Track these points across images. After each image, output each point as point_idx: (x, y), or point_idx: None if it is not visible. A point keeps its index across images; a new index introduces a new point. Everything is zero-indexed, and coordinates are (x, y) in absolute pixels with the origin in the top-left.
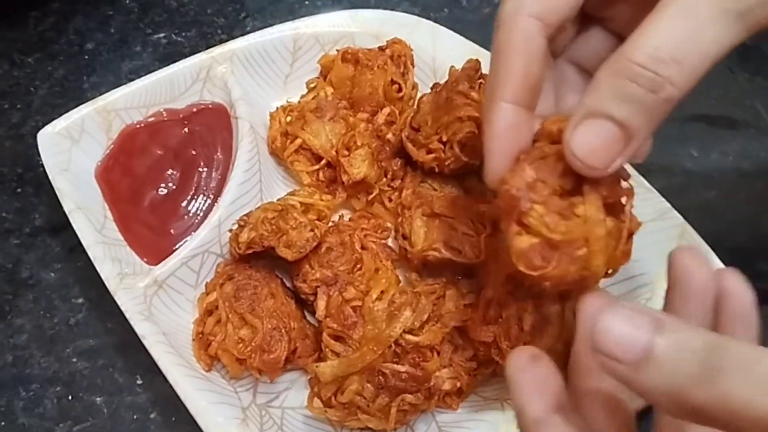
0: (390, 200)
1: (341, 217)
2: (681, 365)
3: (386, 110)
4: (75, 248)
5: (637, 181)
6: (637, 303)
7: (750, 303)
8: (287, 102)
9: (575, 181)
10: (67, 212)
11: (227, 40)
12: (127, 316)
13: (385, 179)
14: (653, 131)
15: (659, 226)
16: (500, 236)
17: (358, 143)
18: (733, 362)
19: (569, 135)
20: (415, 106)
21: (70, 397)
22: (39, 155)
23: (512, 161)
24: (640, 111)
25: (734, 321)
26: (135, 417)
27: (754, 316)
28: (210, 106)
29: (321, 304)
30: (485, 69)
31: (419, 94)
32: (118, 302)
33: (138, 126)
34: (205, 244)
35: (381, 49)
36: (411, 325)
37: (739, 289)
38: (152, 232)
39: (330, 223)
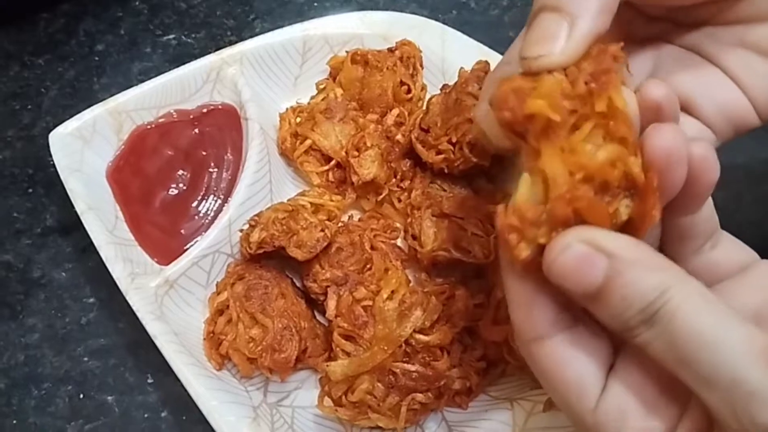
0: (399, 201)
1: (351, 217)
2: (627, 310)
3: (395, 111)
4: (86, 248)
5: None
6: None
7: (711, 185)
8: (297, 103)
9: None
10: (78, 213)
11: (236, 42)
12: (139, 315)
13: (394, 180)
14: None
15: None
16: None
17: (368, 144)
18: (676, 315)
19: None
20: (424, 108)
21: (81, 396)
22: (50, 156)
23: None
24: None
25: (690, 200)
26: (146, 416)
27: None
28: (220, 107)
29: (331, 304)
30: None
31: (428, 96)
32: (130, 302)
33: (149, 127)
34: (215, 244)
35: (390, 50)
36: (421, 324)
37: (708, 165)
38: (163, 233)
39: (340, 224)
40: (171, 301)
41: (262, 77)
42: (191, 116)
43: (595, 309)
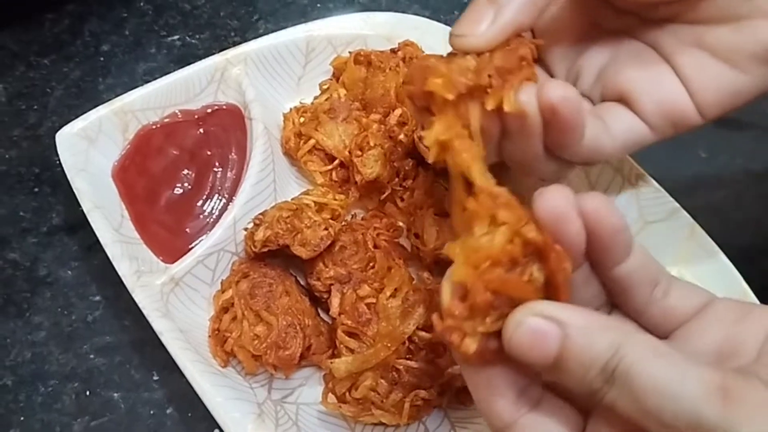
0: (402, 200)
1: (354, 216)
2: (587, 372)
3: (398, 111)
4: (92, 247)
5: (647, 181)
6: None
7: (618, 230)
8: (300, 103)
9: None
10: (85, 211)
11: (240, 43)
12: (145, 313)
13: (397, 179)
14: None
15: (669, 226)
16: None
17: (371, 144)
18: (631, 370)
19: None
20: None
21: (87, 393)
22: (56, 155)
23: None
24: None
25: (606, 251)
26: (152, 412)
27: (624, 239)
28: (224, 107)
29: (335, 302)
30: None
31: None
32: (136, 299)
33: (154, 127)
34: (220, 242)
35: (393, 51)
36: (424, 322)
37: (606, 218)
38: (168, 231)
39: (343, 223)
40: (176, 298)
41: (266, 77)
42: (196, 116)
43: (558, 378)
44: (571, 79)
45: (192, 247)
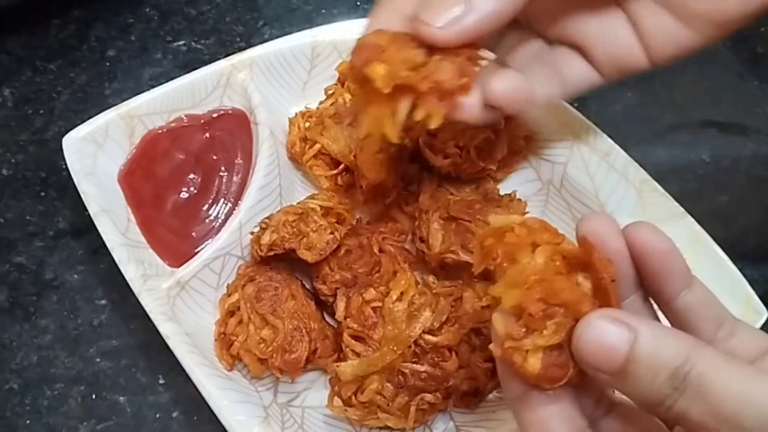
0: (407, 204)
1: (359, 220)
2: (656, 378)
3: None
4: (98, 250)
5: (651, 186)
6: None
7: (668, 253)
8: (306, 108)
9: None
10: (92, 215)
11: (245, 48)
12: (151, 316)
13: (402, 183)
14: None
15: (673, 231)
16: None
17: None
18: (704, 377)
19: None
20: None
21: (93, 396)
22: (62, 160)
23: None
24: None
25: (662, 277)
26: (157, 416)
27: (678, 264)
28: (230, 111)
29: (341, 305)
30: None
31: None
32: (142, 303)
33: (160, 131)
34: (226, 246)
35: None
36: (430, 325)
37: (653, 243)
38: (174, 235)
39: (348, 227)
40: (182, 302)
41: (271, 82)
42: (202, 121)
43: (625, 385)
44: (524, 18)
45: (198, 251)
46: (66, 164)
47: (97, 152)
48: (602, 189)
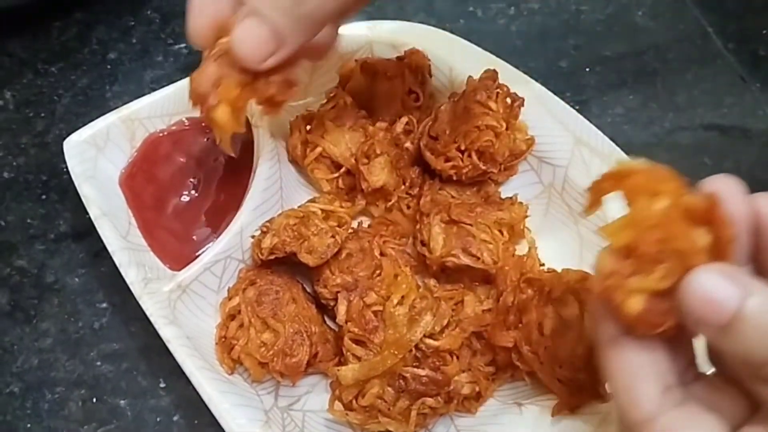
0: (408, 207)
1: (360, 224)
2: (762, 340)
3: (404, 119)
4: (99, 254)
5: None
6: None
7: None
8: (307, 111)
9: (253, 76)
10: (93, 218)
11: None
12: (152, 320)
13: (403, 187)
14: (303, 41)
15: None
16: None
17: (377, 151)
18: None
19: (234, 30)
20: (432, 116)
21: (94, 400)
22: (63, 162)
23: (211, 23)
24: (288, 18)
25: None
26: (158, 419)
27: None
28: None
29: (342, 309)
30: (502, 80)
31: (436, 104)
32: (143, 306)
33: (161, 134)
34: (227, 250)
35: (399, 59)
36: (431, 329)
37: None
38: (175, 239)
39: (350, 230)
40: (183, 305)
41: None
42: (203, 124)
43: (727, 341)
44: None
45: (199, 255)
46: (67, 167)
47: (98, 155)
48: None
